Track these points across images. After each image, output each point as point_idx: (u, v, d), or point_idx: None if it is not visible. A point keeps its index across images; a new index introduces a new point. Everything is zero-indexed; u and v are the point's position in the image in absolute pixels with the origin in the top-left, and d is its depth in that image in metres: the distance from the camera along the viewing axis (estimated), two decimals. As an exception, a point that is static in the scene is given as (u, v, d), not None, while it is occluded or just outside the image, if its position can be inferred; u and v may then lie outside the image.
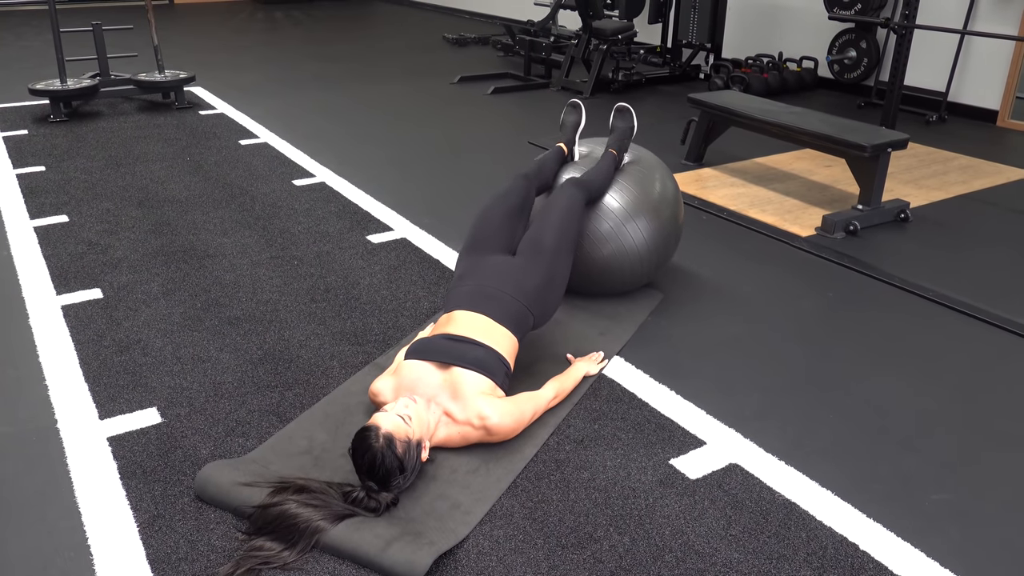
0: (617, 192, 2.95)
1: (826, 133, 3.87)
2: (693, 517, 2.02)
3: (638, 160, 3.11)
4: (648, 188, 3.01)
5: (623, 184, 2.98)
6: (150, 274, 3.27)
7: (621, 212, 2.93)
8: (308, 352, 2.73)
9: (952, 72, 5.96)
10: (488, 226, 2.66)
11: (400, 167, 4.69)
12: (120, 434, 2.29)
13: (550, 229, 2.61)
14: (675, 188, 3.13)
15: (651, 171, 3.07)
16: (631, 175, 3.01)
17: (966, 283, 3.36)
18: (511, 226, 2.68)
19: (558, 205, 2.69)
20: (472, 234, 2.67)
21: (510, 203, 2.73)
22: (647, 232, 2.97)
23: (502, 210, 2.70)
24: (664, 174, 3.11)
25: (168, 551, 1.88)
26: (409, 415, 2.06)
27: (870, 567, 1.88)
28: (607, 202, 2.94)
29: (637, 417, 2.42)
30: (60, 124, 5.40)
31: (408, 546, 1.84)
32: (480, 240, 2.63)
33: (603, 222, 2.94)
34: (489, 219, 2.68)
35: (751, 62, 6.90)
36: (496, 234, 2.64)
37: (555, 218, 2.65)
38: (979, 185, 4.54)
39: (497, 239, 2.63)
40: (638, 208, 2.96)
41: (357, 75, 7.16)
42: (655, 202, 3.00)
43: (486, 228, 2.65)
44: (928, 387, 2.62)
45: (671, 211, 3.06)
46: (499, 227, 2.66)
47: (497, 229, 2.65)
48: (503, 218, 2.68)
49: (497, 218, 2.68)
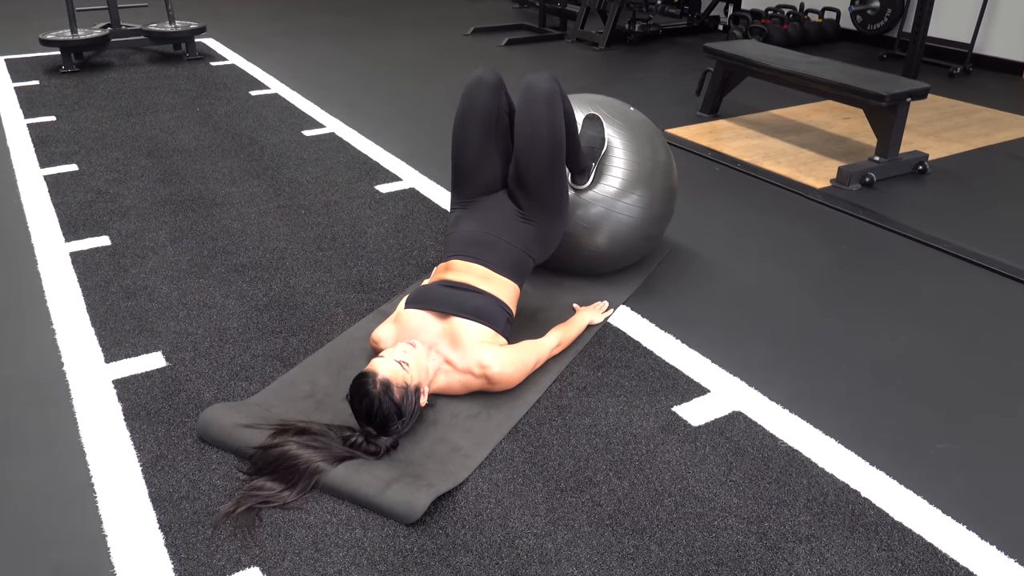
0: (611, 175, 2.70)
1: (843, 82, 3.78)
2: (694, 463, 2.01)
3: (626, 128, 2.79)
4: (640, 163, 2.73)
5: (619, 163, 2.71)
6: (158, 222, 3.27)
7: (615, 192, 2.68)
8: (313, 299, 2.72)
9: (978, 23, 5.78)
10: (468, 156, 2.45)
11: (410, 118, 4.64)
12: (125, 377, 2.31)
13: (540, 155, 2.36)
14: (667, 153, 2.86)
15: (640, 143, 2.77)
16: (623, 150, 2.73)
17: (984, 236, 3.29)
18: (493, 146, 2.45)
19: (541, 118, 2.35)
20: (455, 167, 2.49)
21: (481, 124, 2.42)
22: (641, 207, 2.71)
23: (475, 132, 2.43)
24: (656, 140, 2.83)
25: (170, 490, 1.90)
26: (407, 361, 2.05)
27: (871, 513, 1.87)
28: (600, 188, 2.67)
29: (641, 365, 2.40)
30: (71, 75, 5.38)
31: (407, 487, 1.84)
32: (466, 175, 2.47)
33: (592, 208, 2.67)
34: (465, 148, 2.45)
35: (771, 13, 6.74)
36: (479, 163, 2.45)
37: (543, 140, 2.35)
38: (1001, 138, 4.43)
39: (483, 169, 2.45)
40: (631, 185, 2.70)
41: (370, 27, 7.07)
42: (647, 175, 2.73)
43: (467, 159, 2.45)
44: (941, 339, 2.59)
45: (664, 180, 2.79)
46: (480, 153, 2.44)
47: (478, 157, 2.44)
48: (481, 142, 2.43)
49: (474, 146, 2.43)
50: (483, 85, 2.42)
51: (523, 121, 2.38)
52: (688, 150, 4.19)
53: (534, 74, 2.41)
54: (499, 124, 2.46)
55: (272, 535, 1.78)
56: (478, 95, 2.42)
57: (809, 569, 1.72)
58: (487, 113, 2.42)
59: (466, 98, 2.44)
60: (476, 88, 2.43)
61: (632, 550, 1.76)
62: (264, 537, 1.78)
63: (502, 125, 2.48)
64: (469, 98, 2.43)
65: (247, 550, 1.74)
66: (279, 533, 1.79)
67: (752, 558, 1.74)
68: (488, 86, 2.42)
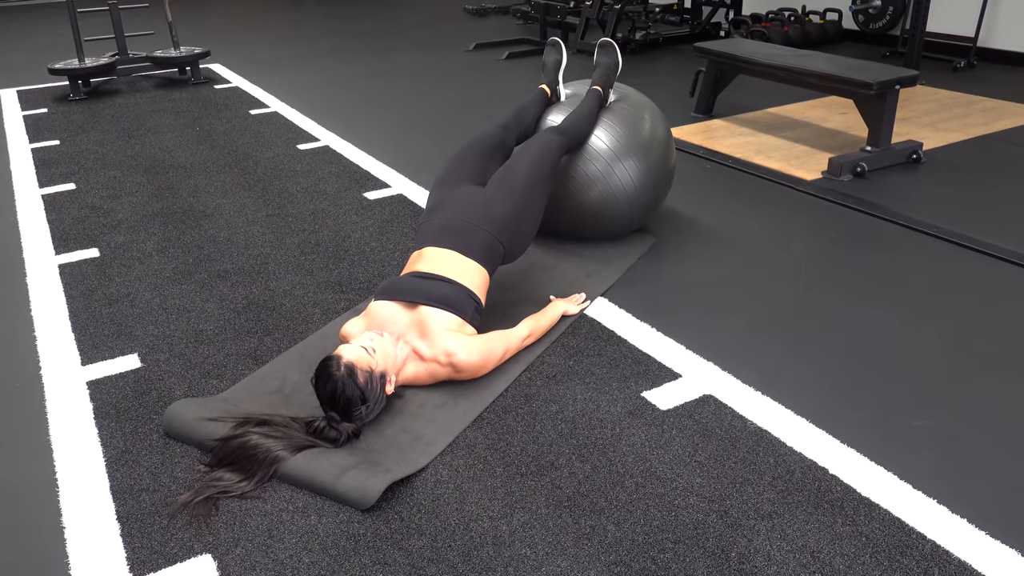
0: (605, 133, 2.89)
1: (831, 72, 3.74)
2: (659, 445, 1.98)
3: (626, 100, 3.04)
4: (638, 129, 2.94)
5: (611, 125, 2.91)
6: (147, 234, 3.32)
7: (609, 153, 2.87)
8: (292, 300, 2.74)
9: (981, 15, 5.72)
10: (459, 164, 2.62)
11: (405, 130, 4.68)
12: (99, 378, 2.33)
13: (522, 162, 2.56)
14: (666, 129, 3.06)
15: (640, 111, 3.00)
16: (619, 115, 2.95)
17: (977, 220, 3.23)
18: (483, 164, 2.63)
19: (533, 145, 2.65)
20: (443, 170, 2.63)
21: (485, 144, 2.69)
22: (636, 173, 2.90)
23: (476, 150, 2.66)
24: (654, 114, 3.05)
25: (131, 483, 1.91)
26: (373, 347, 2.05)
27: (837, 490, 1.82)
28: (595, 143, 2.88)
29: (614, 353, 2.37)
30: (78, 102, 5.50)
31: (362, 473, 1.83)
32: (450, 174, 2.59)
33: (592, 163, 2.88)
34: (461, 157, 2.64)
35: (772, 16, 6.71)
36: (467, 169, 2.59)
37: (528, 152, 2.60)
38: (1002, 126, 4.35)
39: (468, 173, 2.58)
40: (627, 149, 2.90)
41: (374, 48, 7.16)
42: (644, 143, 2.94)
43: (457, 165, 2.61)
44: (925, 321, 2.53)
45: (661, 151, 2.99)
46: (471, 163, 2.61)
47: (468, 165, 2.61)
48: (476, 157, 2.64)
49: (469, 157, 2.64)
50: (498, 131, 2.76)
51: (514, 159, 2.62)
52: (681, 149, 4.17)
53: (547, 128, 2.78)
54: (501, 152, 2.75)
55: (227, 523, 1.78)
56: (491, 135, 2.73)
57: (769, 545, 1.67)
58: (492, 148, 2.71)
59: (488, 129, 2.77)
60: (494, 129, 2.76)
61: (588, 530, 1.73)
62: (219, 525, 1.77)
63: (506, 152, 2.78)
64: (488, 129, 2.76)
65: (200, 538, 1.74)
66: (234, 521, 1.78)
67: (711, 535, 1.70)
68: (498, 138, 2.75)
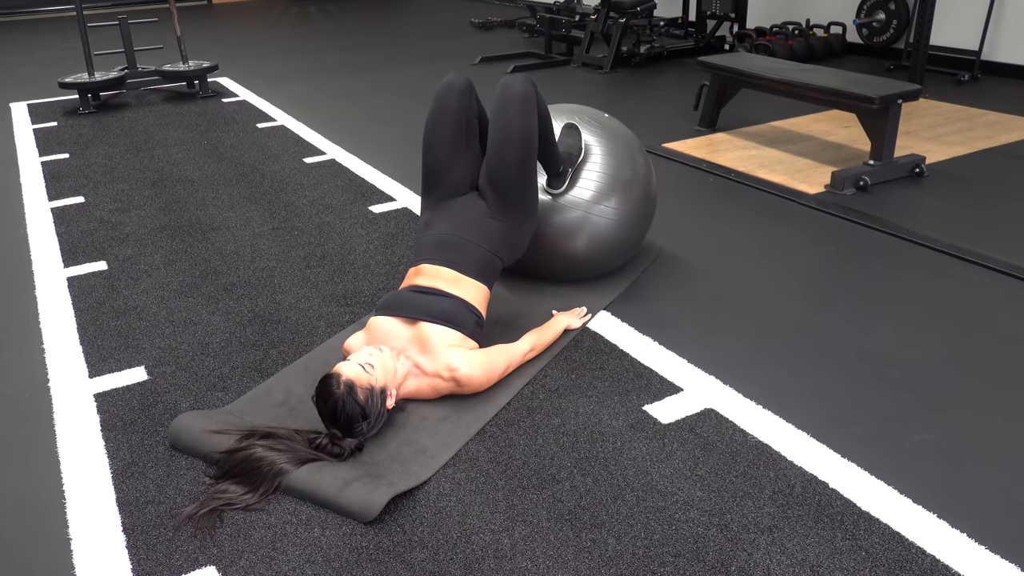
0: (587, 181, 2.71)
1: (833, 87, 3.76)
2: (660, 459, 1.99)
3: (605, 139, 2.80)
4: (617, 172, 2.74)
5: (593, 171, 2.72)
6: (155, 246, 3.35)
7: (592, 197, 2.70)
8: (297, 313, 2.76)
9: (985, 29, 5.73)
10: (437, 156, 2.47)
11: (410, 143, 4.71)
12: (106, 391, 2.36)
13: (511, 153, 2.37)
14: (645, 161, 2.87)
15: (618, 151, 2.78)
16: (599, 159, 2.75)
17: (981, 234, 3.24)
18: (462, 147, 2.48)
19: (514, 116, 2.37)
20: (426, 169, 2.51)
21: (451, 124, 2.46)
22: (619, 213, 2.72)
23: (445, 132, 2.46)
24: (634, 149, 2.84)
25: (137, 495, 1.93)
26: (372, 363, 2.07)
27: (837, 504, 1.83)
28: (577, 192, 2.69)
29: (616, 367, 2.39)
30: (88, 116, 5.56)
31: (365, 486, 1.85)
32: (435, 176, 2.49)
33: (571, 212, 2.69)
34: (434, 148, 2.47)
35: (776, 30, 6.74)
36: (448, 164, 2.47)
37: (515, 138, 2.37)
38: (1005, 139, 4.37)
39: (452, 169, 2.47)
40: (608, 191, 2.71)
41: (380, 62, 7.21)
42: (626, 183, 2.74)
43: (436, 159, 2.47)
44: (926, 335, 2.54)
45: (643, 188, 2.80)
46: (449, 154, 2.46)
47: (447, 157, 2.46)
48: (450, 142, 2.46)
49: (443, 146, 2.46)
50: (453, 88, 2.48)
51: (496, 121, 2.41)
52: (684, 163, 4.19)
53: (509, 75, 2.45)
54: (469, 126, 2.51)
55: (231, 535, 1.80)
56: (448, 97, 2.47)
57: (768, 559, 1.68)
58: (457, 114, 2.47)
59: (437, 100, 2.49)
60: (446, 91, 2.48)
61: (589, 544, 1.74)
62: (223, 537, 1.79)
63: (472, 127, 2.52)
64: (440, 100, 2.48)
65: (205, 550, 1.76)
66: (239, 533, 1.80)
67: (711, 549, 1.71)
68: (458, 89, 2.48)
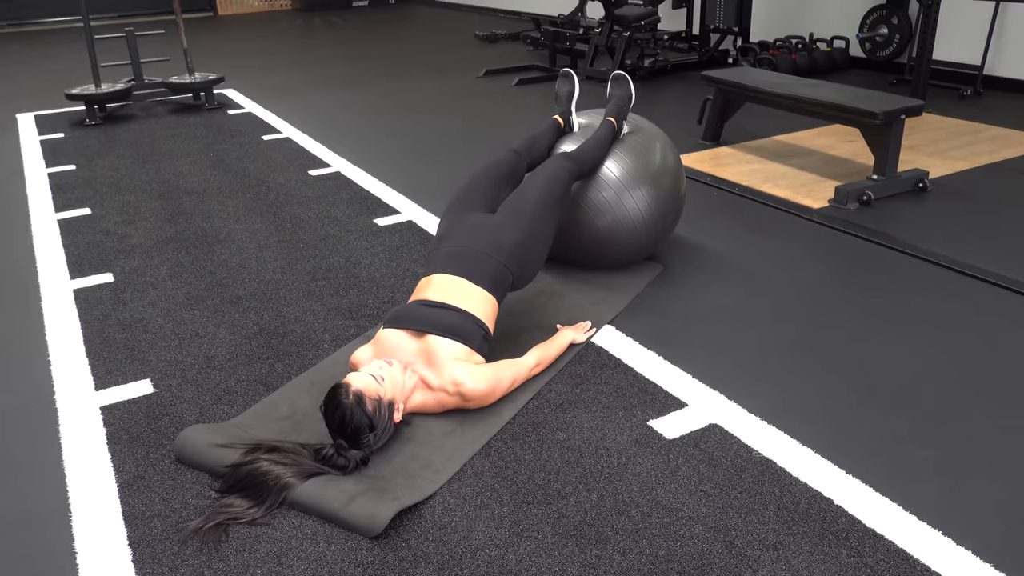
0: (616, 162, 2.93)
1: (836, 102, 3.78)
2: (665, 474, 1.99)
3: (638, 130, 3.08)
4: (648, 158, 2.98)
5: (622, 154, 2.95)
6: (161, 259, 3.37)
7: (619, 183, 2.91)
8: (302, 327, 2.77)
9: (987, 43, 5.76)
10: (470, 190, 2.65)
11: (415, 156, 4.73)
12: (112, 404, 2.36)
13: (532, 189, 2.60)
14: (676, 159, 3.09)
15: (651, 141, 3.04)
16: (631, 145, 2.99)
17: (983, 249, 3.24)
18: (495, 191, 2.66)
19: (544, 171, 2.69)
20: (454, 196, 2.67)
21: (496, 171, 2.73)
22: (646, 203, 2.94)
23: (487, 176, 2.70)
24: (665, 144, 3.08)
25: (143, 508, 1.93)
26: (382, 376, 2.08)
27: (842, 520, 1.83)
28: (605, 172, 2.92)
29: (620, 382, 2.39)
30: (95, 127, 5.59)
31: (371, 500, 1.85)
32: (460, 200, 2.63)
33: (602, 192, 2.92)
34: (472, 184, 2.68)
35: (779, 44, 6.77)
36: (477, 196, 2.63)
37: (539, 180, 2.64)
38: (1008, 154, 4.38)
39: (478, 200, 2.62)
40: (638, 178, 2.93)
41: (385, 74, 7.25)
42: (655, 172, 2.97)
43: (468, 191, 2.65)
44: (929, 350, 2.54)
45: (672, 182, 3.02)
46: (482, 190, 2.65)
47: (479, 192, 2.64)
48: (487, 183, 2.67)
49: (481, 183, 2.67)
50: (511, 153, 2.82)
51: (525, 183, 2.68)
52: (688, 177, 4.20)
53: (559, 153, 2.82)
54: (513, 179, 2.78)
55: (237, 549, 1.80)
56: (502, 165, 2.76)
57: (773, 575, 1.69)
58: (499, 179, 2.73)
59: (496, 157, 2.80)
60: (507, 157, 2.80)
61: (594, 560, 1.74)
62: (229, 551, 1.79)
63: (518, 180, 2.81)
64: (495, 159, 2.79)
65: (211, 564, 1.76)
66: (244, 548, 1.80)
67: (716, 565, 1.72)
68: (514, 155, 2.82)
